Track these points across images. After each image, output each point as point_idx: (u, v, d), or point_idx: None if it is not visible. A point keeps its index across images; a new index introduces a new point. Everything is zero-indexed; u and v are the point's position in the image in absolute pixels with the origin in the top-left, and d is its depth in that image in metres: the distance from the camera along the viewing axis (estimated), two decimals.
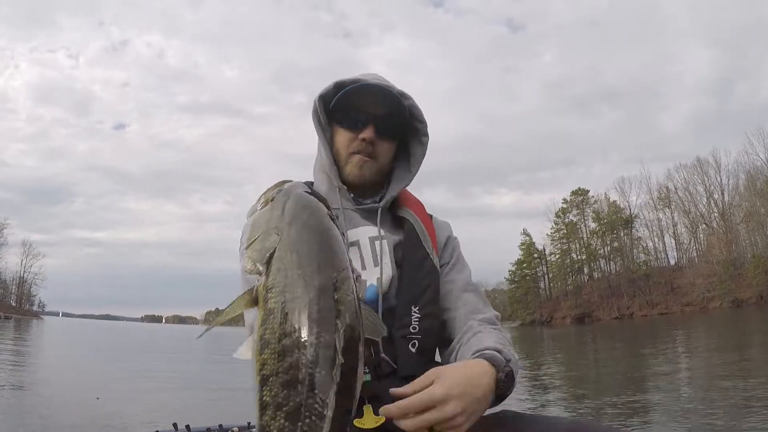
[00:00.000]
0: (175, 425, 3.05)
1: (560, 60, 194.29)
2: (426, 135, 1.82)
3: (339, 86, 1.72)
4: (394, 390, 1.16)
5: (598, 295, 79.76)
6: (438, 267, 1.73)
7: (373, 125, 1.71)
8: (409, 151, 1.87)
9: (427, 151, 1.85)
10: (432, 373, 1.18)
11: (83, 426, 7.26)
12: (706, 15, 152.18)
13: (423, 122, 1.80)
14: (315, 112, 1.77)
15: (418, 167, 1.85)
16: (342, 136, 1.75)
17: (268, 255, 0.73)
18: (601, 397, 9.49)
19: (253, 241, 0.77)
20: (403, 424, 1.13)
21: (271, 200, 0.85)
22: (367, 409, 1.37)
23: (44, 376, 12.83)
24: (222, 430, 3.21)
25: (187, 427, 3.01)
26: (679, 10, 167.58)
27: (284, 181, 0.98)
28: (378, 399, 1.35)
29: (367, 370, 1.50)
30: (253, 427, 3.66)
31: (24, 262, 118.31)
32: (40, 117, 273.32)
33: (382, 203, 1.77)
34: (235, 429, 3.28)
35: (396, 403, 1.13)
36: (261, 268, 0.73)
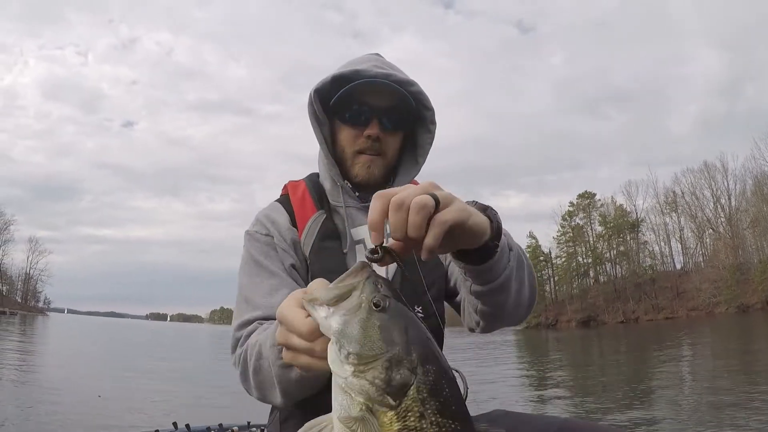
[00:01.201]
0: (175, 424, 3.07)
1: (569, 61, 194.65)
2: (434, 122, 1.76)
3: (337, 79, 1.64)
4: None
5: (604, 299, 79.40)
6: (443, 262, 1.71)
7: (378, 120, 1.65)
8: (415, 140, 1.81)
9: (435, 151, 1.81)
10: None
11: (85, 424, 7.29)
12: (715, 16, 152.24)
13: (430, 109, 1.73)
14: (311, 106, 1.70)
15: (425, 157, 1.80)
16: (345, 133, 1.69)
17: (401, 391, 0.72)
18: (605, 401, 9.45)
19: (373, 366, 0.73)
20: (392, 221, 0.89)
21: (378, 308, 0.80)
22: None
23: (48, 373, 12.90)
24: (222, 429, 3.21)
25: (187, 426, 3.06)
26: (688, 11, 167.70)
27: (365, 265, 0.88)
28: None
29: None
30: (253, 426, 3.63)
31: (30, 258, 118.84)
32: (49, 114, 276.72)
33: None
34: (235, 428, 3.27)
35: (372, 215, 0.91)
36: (392, 402, 0.72)
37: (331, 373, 0.86)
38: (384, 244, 0.90)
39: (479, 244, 1.05)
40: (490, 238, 1.08)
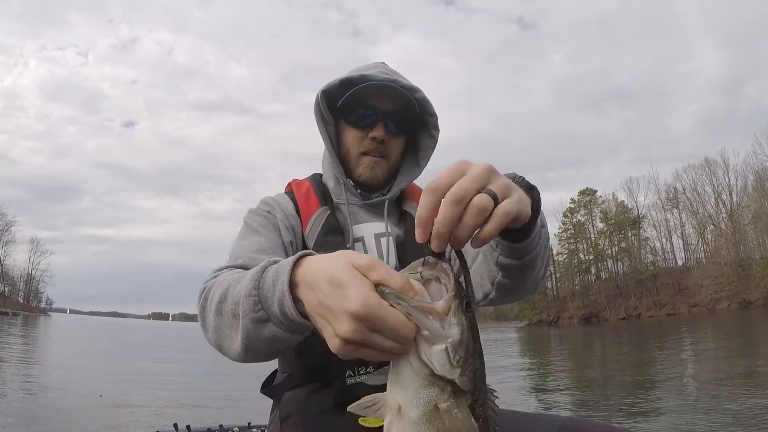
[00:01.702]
0: (175, 425, 3.06)
1: (570, 59, 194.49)
2: (437, 128, 1.79)
3: (345, 83, 1.68)
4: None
5: (606, 296, 79.54)
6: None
7: (383, 123, 1.69)
8: (417, 144, 1.84)
9: (436, 150, 1.82)
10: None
11: (86, 424, 7.30)
12: (717, 14, 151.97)
13: (433, 115, 1.76)
14: (317, 107, 1.73)
15: (427, 161, 1.82)
16: (351, 135, 1.72)
17: (477, 377, 0.83)
18: (607, 398, 9.46)
19: (470, 363, 0.83)
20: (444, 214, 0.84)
21: (469, 311, 0.85)
22: None
23: (49, 374, 12.93)
24: (222, 430, 3.20)
25: (188, 427, 3.03)
26: (690, 8, 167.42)
27: (448, 266, 0.87)
28: None
29: (371, 369, 1.50)
30: (254, 427, 3.62)
31: (32, 259, 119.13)
32: (49, 114, 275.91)
33: (388, 196, 1.74)
34: (236, 429, 3.26)
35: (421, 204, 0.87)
36: (474, 387, 0.84)
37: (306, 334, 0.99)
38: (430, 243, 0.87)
39: (520, 225, 1.03)
40: (531, 218, 1.06)
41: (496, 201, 0.87)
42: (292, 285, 0.93)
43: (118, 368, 15.07)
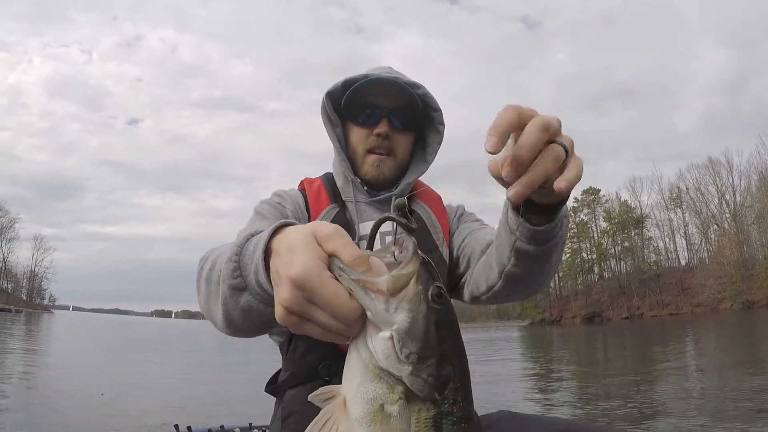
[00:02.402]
0: (176, 427, 3.05)
1: (574, 58, 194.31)
2: (442, 123, 1.80)
3: (348, 84, 1.70)
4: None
5: (608, 295, 79.49)
6: (446, 260, 1.72)
7: (387, 119, 1.70)
8: (425, 140, 1.85)
9: (442, 147, 1.84)
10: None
11: (86, 424, 7.28)
12: (720, 13, 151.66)
13: (438, 110, 1.78)
14: (324, 109, 1.76)
15: (434, 156, 1.83)
16: (356, 133, 1.75)
17: (445, 385, 0.73)
18: (609, 399, 9.45)
19: (429, 364, 0.71)
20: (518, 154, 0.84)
21: (438, 301, 0.74)
22: None
23: (51, 372, 12.94)
24: (223, 431, 3.18)
25: (189, 428, 3.01)
26: (693, 8, 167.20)
27: (415, 246, 0.76)
28: None
29: None
30: (255, 428, 3.60)
31: (35, 256, 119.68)
32: (53, 112, 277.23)
33: (396, 192, 1.75)
34: (237, 430, 3.25)
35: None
36: (437, 396, 0.72)
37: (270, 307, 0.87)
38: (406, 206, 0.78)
39: (556, 201, 1.04)
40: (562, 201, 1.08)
41: (567, 154, 0.87)
42: (267, 253, 0.87)
43: (120, 366, 15.10)
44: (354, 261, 0.72)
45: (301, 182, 1.85)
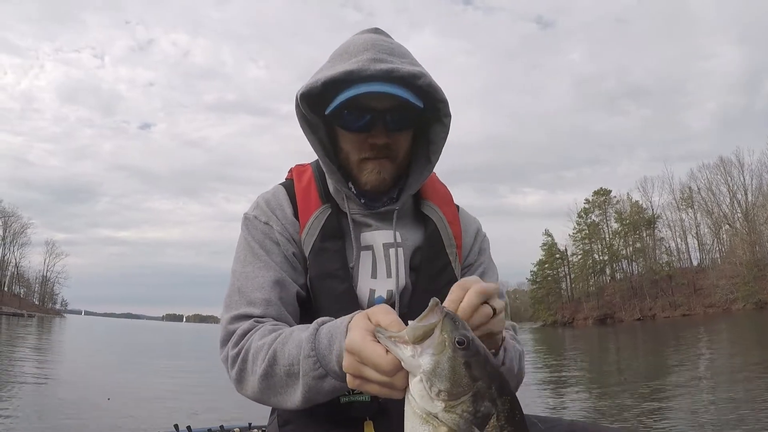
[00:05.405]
0: (176, 426, 3.10)
1: (588, 57, 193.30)
2: (447, 115, 1.53)
3: (328, 84, 1.44)
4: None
5: (620, 297, 78.98)
6: (459, 277, 1.59)
7: (382, 123, 1.46)
8: (428, 135, 1.60)
9: (455, 150, 1.97)
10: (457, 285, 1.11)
11: (91, 426, 7.42)
12: (734, 12, 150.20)
13: (443, 101, 1.50)
14: (298, 109, 1.51)
15: (439, 155, 1.59)
16: (347, 139, 1.51)
17: (485, 421, 0.83)
18: (621, 400, 9.52)
19: (462, 401, 0.82)
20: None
21: (461, 345, 0.87)
22: (368, 425, 1.41)
23: (60, 376, 13.08)
24: (223, 431, 3.28)
25: (189, 428, 3.07)
26: (708, 7, 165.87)
27: (438, 303, 0.94)
28: (381, 414, 1.41)
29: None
30: (254, 428, 3.78)
31: (47, 261, 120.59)
32: (66, 117, 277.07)
33: (398, 205, 1.57)
34: (236, 430, 3.37)
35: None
36: (477, 431, 0.83)
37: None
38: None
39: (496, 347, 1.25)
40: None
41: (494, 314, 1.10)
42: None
43: (129, 370, 15.24)
44: (389, 324, 0.95)
45: (291, 170, 1.71)
